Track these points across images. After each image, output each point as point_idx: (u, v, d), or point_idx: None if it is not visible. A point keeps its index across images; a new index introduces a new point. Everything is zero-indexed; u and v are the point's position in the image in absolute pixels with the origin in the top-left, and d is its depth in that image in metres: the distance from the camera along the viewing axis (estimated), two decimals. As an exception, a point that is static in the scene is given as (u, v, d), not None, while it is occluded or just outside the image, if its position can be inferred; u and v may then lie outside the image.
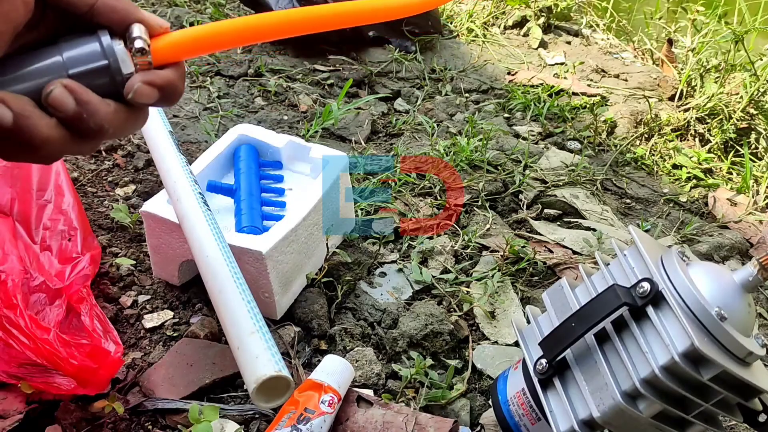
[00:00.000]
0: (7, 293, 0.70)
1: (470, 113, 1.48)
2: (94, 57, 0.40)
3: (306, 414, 0.71)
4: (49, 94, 0.38)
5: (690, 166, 1.42)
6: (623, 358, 0.59)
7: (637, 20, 2.08)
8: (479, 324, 0.94)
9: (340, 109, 1.32)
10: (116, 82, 0.41)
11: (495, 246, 1.07)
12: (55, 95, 0.38)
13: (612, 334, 0.61)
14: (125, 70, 0.41)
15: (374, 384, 0.82)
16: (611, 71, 1.78)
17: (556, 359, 0.63)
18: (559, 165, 1.33)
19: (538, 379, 0.65)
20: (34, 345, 0.68)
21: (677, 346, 0.56)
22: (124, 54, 0.41)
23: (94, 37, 0.41)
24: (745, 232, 1.26)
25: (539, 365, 0.64)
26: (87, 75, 0.40)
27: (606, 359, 0.61)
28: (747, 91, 1.53)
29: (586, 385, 0.61)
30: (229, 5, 1.79)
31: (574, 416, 0.61)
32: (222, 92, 1.41)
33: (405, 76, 1.60)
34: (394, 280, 0.99)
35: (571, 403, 0.62)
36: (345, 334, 0.88)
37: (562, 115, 1.52)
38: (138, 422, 0.74)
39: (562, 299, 0.69)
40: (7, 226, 0.84)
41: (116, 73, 0.41)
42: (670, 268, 0.60)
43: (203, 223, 0.77)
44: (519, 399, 0.69)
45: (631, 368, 0.59)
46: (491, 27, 1.96)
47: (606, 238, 1.11)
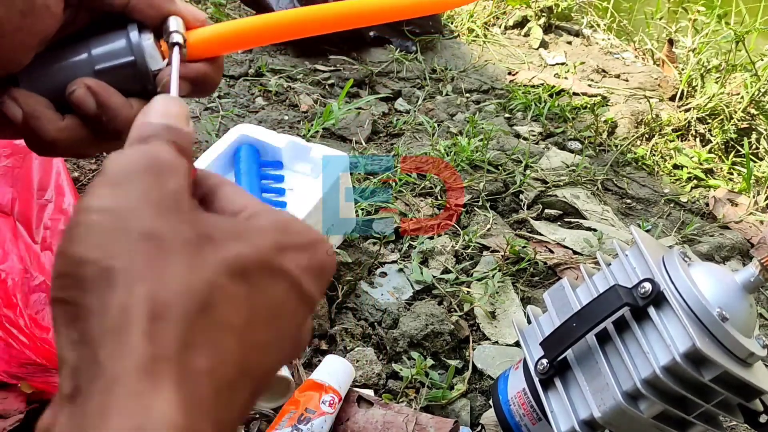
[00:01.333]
0: (7, 293, 0.70)
1: (471, 113, 1.48)
2: (120, 53, 0.39)
3: (307, 414, 0.71)
4: (71, 93, 0.37)
5: (691, 167, 1.42)
6: (624, 358, 0.59)
7: (638, 20, 2.08)
8: (480, 324, 0.94)
9: (340, 109, 1.32)
10: (144, 78, 0.39)
11: (495, 246, 1.07)
12: (76, 95, 0.37)
13: (613, 334, 0.61)
14: (153, 66, 0.39)
15: (375, 384, 0.82)
16: (612, 71, 1.78)
17: (557, 359, 0.63)
18: (559, 165, 1.33)
19: (539, 379, 0.65)
20: (34, 345, 0.68)
21: (678, 346, 0.56)
22: (153, 49, 0.39)
23: (123, 32, 0.39)
24: (745, 233, 1.26)
25: (540, 365, 0.64)
26: (113, 71, 0.39)
27: (607, 359, 0.61)
28: (748, 92, 1.53)
29: (587, 385, 0.61)
30: (230, 5, 1.79)
31: (575, 416, 0.61)
32: (223, 92, 1.41)
33: (406, 76, 1.60)
34: (394, 280, 0.99)
35: (572, 403, 0.62)
36: (345, 334, 0.88)
37: (562, 115, 1.52)
38: (138, 422, 0.74)
39: (563, 299, 0.69)
40: (7, 225, 0.84)
41: (143, 69, 0.39)
42: (672, 268, 0.60)
43: (204, 222, 0.77)
44: (520, 399, 0.69)
45: (632, 368, 0.59)
46: (492, 27, 1.96)
47: (606, 238, 1.11)
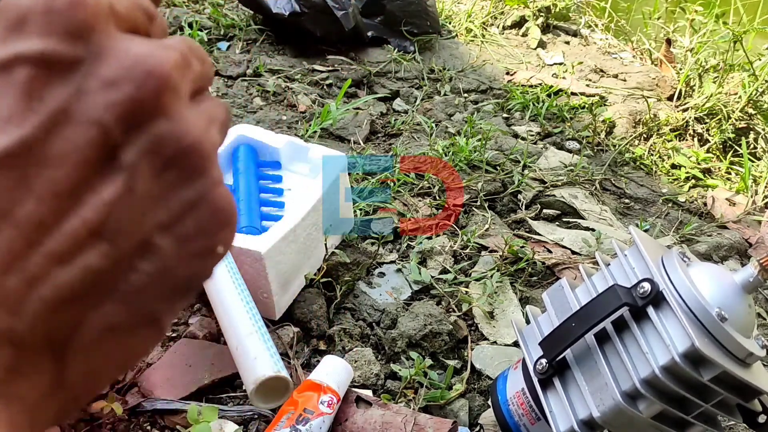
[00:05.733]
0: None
1: (469, 113, 1.48)
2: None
3: (305, 414, 0.71)
4: None
5: (689, 166, 1.42)
6: (623, 358, 0.59)
7: (636, 20, 2.08)
8: (478, 324, 0.94)
9: (338, 109, 1.32)
10: None
11: (494, 246, 1.07)
12: None
13: (612, 334, 0.61)
14: None
15: (373, 384, 0.82)
16: (610, 71, 1.78)
17: (556, 359, 0.63)
18: (557, 165, 1.33)
19: (537, 379, 0.65)
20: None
21: (677, 346, 0.56)
22: None
23: None
24: (743, 232, 1.26)
25: (539, 365, 0.64)
26: None
27: (606, 359, 0.61)
28: (745, 91, 1.53)
29: (586, 385, 0.61)
30: (228, 5, 1.79)
31: (574, 416, 0.61)
32: (221, 92, 1.41)
33: (404, 76, 1.59)
34: (393, 281, 0.99)
35: (571, 403, 0.62)
36: (344, 335, 0.88)
37: (560, 115, 1.52)
38: (137, 423, 0.74)
39: (562, 299, 0.69)
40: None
41: None
42: (671, 268, 0.60)
43: (202, 223, 0.77)
44: (519, 399, 0.69)
45: (631, 368, 0.59)
46: (490, 27, 1.96)
47: (605, 238, 1.11)
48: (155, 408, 0.75)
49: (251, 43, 1.62)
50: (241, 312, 0.68)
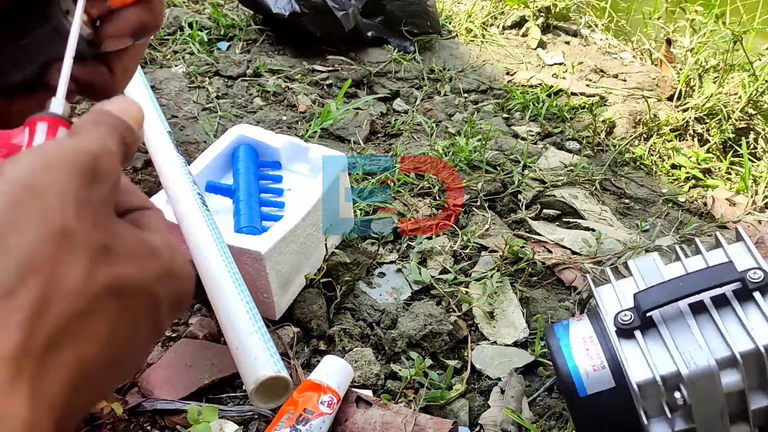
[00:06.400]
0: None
1: (469, 113, 1.48)
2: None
3: (305, 415, 0.71)
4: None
5: (689, 166, 1.42)
6: (722, 329, 0.64)
7: (636, 20, 2.08)
8: (478, 324, 0.94)
9: (338, 110, 1.32)
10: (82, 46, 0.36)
11: (494, 246, 1.07)
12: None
13: (710, 306, 0.66)
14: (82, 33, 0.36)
15: (373, 384, 0.82)
16: (610, 71, 1.78)
17: (649, 312, 0.67)
18: (557, 165, 1.33)
19: (617, 329, 0.68)
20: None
21: None
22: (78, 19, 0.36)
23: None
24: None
25: (625, 315, 0.68)
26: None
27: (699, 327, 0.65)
28: (746, 91, 1.53)
29: (675, 344, 0.65)
30: (228, 5, 1.79)
31: (654, 370, 0.64)
32: (221, 92, 1.41)
33: (404, 76, 1.59)
34: (393, 281, 0.99)
35: (653, 358, 0.66)
36: (344, 335, 0.88)
37: (560, 115, 1.52)
38: (137, 423, 0.74)
39: (652, 267, 0.73)
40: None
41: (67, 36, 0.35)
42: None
43: (202, 223, 0.77)
44: (584, 344, 0.71)
45: (730, 340, 0.63)
46: (490, 27, 1.96)
47: (605, 238, 1.11)
48: (155, 408, 0.76)
49: (251, 43, 1.62)
50: (241, 312, 0.68)
